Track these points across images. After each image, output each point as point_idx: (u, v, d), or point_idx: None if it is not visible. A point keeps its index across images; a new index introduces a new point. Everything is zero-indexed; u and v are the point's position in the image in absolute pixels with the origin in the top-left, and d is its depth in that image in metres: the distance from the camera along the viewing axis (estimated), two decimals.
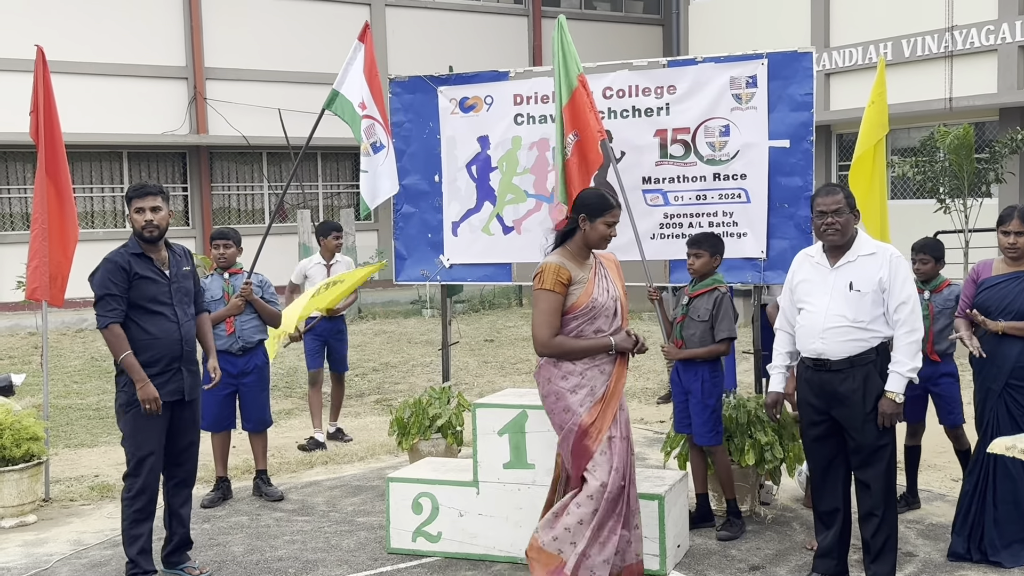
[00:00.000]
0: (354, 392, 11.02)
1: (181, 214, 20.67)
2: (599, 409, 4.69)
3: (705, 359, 5.90)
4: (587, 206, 4.79)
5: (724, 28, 20.66)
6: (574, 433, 4.68)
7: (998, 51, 16.29)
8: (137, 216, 5.22)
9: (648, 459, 7.60)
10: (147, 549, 5.24)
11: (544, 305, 4.70)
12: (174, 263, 5.37)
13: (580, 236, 4.81)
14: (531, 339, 4.82)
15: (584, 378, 4.71)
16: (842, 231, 4.86)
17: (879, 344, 4.82)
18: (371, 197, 6.79)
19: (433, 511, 5.68)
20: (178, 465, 5.42)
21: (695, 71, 6.52)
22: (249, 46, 20.47)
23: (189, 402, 5.35)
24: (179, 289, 5.34)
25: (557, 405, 4.75)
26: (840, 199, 4.85)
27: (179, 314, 5.30)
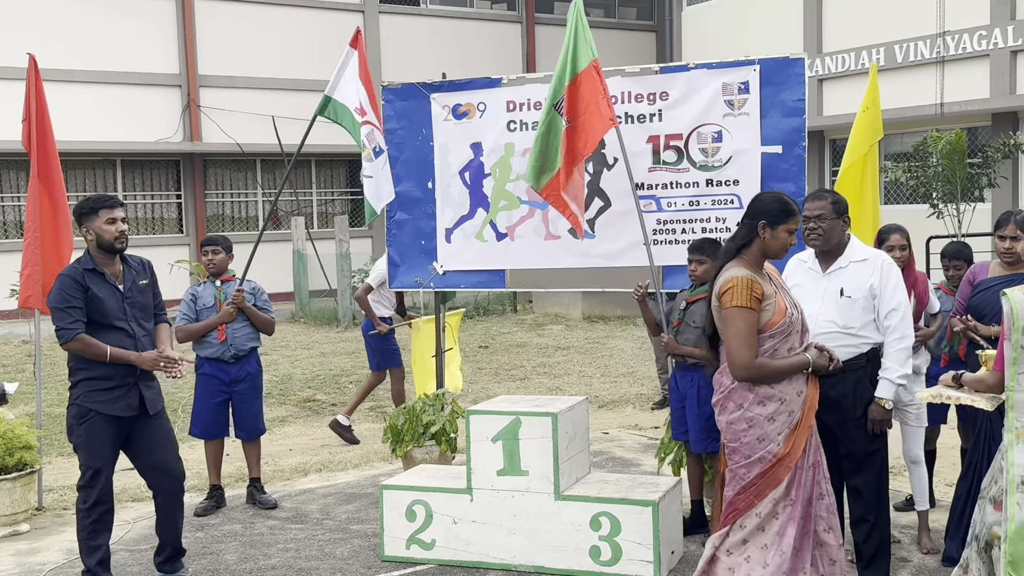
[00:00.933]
0: (348, 399, 11.00)
1: (175, 221, 20.66)
2: (794, 436, 4.23)
3: (703, 365, 5.88)
4: (767, 212, 4.31)
5: (717, 34, 20.71)
6: (766, 463, 4.21)
7: (990, 56, 16.35)
8: (110, 227, 5.13)
9: (642, 465, 7.60)
10: (106, 559, 5.22)
11: (741, 324, 4.17)
12: (129, 276, 5.27)
13: (758, 245, 4.32)
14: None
15: (783, 403, 4.22)
16: (825, 237, 4.86)
17: (869, 350, 4.82)
18: (376, 201, 6.80)
19: (427, 518, 5.67)
20: (161, 478, 5.34)
21: (687, 77, 6.53)
22: (243, 53, 20.48)
23: (153, 416, 5.28)
24: (134, 304, 5.25)
25: (749, 433, 4.23)
26: (824, 205, 4.85)
27: (135, 330, 5.21)
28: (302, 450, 8.59)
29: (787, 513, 4.24)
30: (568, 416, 5.56)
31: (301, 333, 16.52)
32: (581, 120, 5.95)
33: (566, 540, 5.41)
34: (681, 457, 6.22)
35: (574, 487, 5.55)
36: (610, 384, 11.31)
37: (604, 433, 8.75)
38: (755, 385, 4.22)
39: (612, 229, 6.73)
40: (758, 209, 4.35)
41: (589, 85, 5.96)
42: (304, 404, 10.76)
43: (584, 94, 5.95)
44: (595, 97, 5.94)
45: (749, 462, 4.24)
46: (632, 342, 14.20)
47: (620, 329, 15.65)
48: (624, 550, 5.30)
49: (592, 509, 5.37)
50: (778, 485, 4.21)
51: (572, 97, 5.97)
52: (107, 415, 5.13)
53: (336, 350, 14.54)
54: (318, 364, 13.26)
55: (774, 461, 4.20)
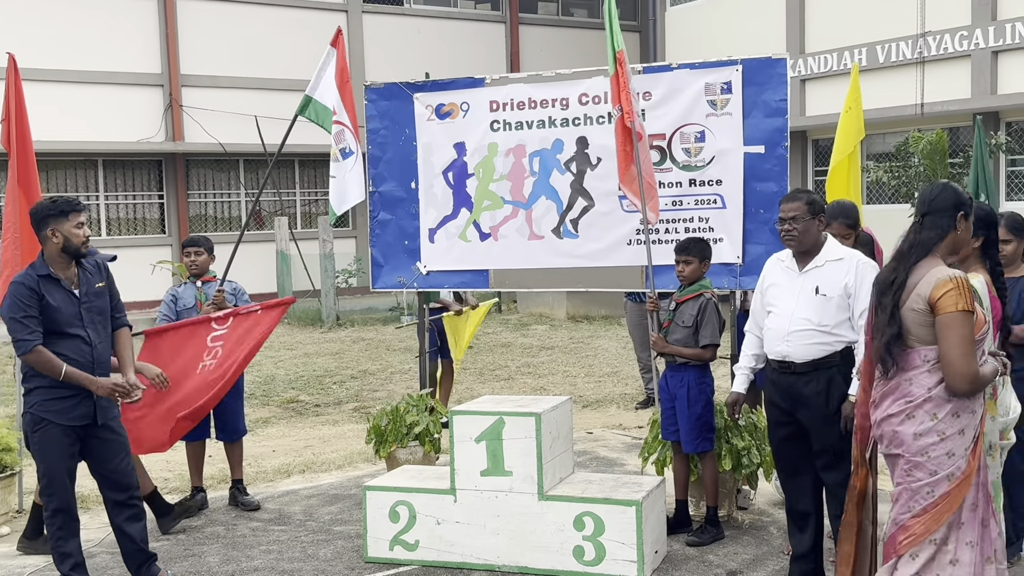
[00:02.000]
0: (332, 400, 10.98)
1: (157, 222, 20.56)
2: (977, 451, 3.84)
3: (692, 365, 5.89)
4: (965, 203, 3.92)
5: (700, 34, 20.75)
6: (954, 480, 3.77)
7: (971, 56, 16.45)
8: (78, 231, 5.02)
9: (626, 465, 7.61)
10: (80, 563, 5.15)
11: (966, 330, 3.70)
12: (84, 281, 5.11)
13: (952, 240, 3.91)
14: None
15: (973, 416, 3.82)
16: (799, 237, 4.89)
17: (843, 348, 4.85)
18: (339, 203, 6.79)
19: (410, 519, 5.65)
20: (115, 487, 5.23)
21: (670, 77, 6.54)
22: (225, 53, 20.39)
23: (103, 425, 5.13)
24: (91, 308, 5.10)
25: (939, 447, 3.77)
26: (799, 206, 4.88)
27: (92, 336, 5.07)
28: (285, 451, 8.56)
29: (958, 537, 3.80)
30: (552, 416, 5.56)
31: (284, 334, 16.46)
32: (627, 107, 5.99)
33: (550, 540, 5.40)
34: (665, 457, 6.23)
35: (558, 487, 5.55)
36: (594, 384, 11.32)
37: (588, 433, 8.75)
38: (954, 396, 3.77)
39: (596, 229, 6.73)
40: (953, 201, 3.90)
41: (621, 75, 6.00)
42: (287, 405, 10.72)
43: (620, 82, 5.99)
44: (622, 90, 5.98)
45: (935, 480, 3.76)
46: (616, 342, 14.22)
47: (604, 329, 15.66)
48: (608, 550, 5.30)
49: (576, 509, 5.36)
50: (958, 506, 3.78)
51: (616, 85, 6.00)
52: (61, 424, 5.03)
53: (320, 351, 14.50)
54: (301, 365, 13.22)
55: (961, 479, 3.77)
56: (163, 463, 8.15)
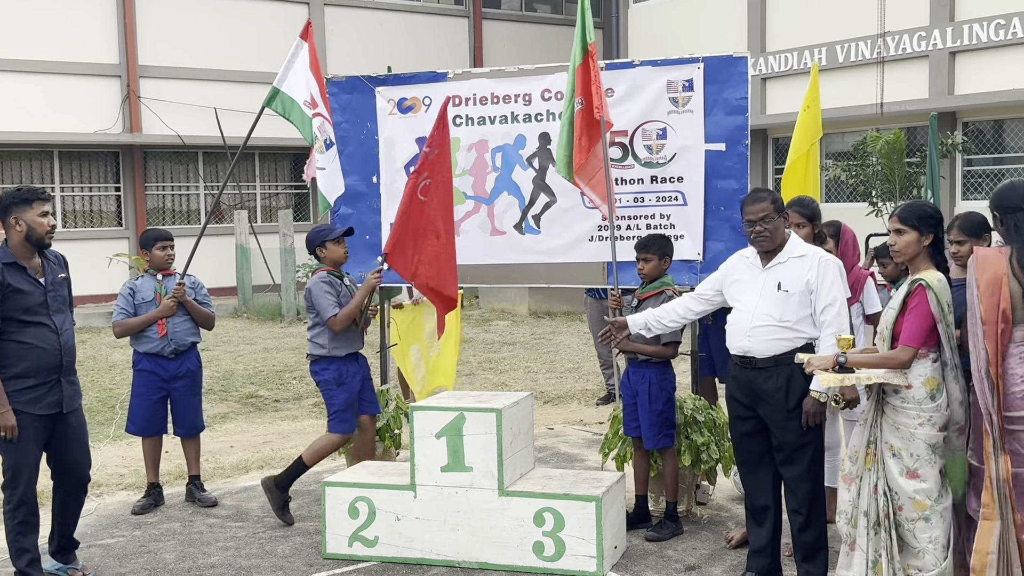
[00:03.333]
0: (291, 395, 10.90)
1: (114, 214, 20.28)
2: None
3: (654, 362, 5.90)
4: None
5: (663, 32, 20.84)
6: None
7: (929, 57, 16.65)
8: (42, 220, 5.03)
9: (586, 461, 7.62)
10: (36, 559, 5.14)
11: None
12: (49, 270, 5.14)
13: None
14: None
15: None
16: (771, 237, 4.95)
17: (804, 344, 4.89)
18: (330, 192, 6.72)
19: (370, 515, 5.62)
20: (69, 476, 5.30)
21: (633, 74, 6.55)
22: (184, 44, 20.15)
23: (69, 413, 5.18)
24: (56, 297, 5.13)
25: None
26: (766, 206, 4.92)
27: (57, 323, 5.09)
28: (243, 447, 8.49)
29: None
30: (512, 412, 5.55)
31: (244, 328, 16.33)
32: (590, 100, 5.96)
33: (510, 536, 5.40)
34: (625, 452, 6.25)
35: (518, 483, 5.55)
36: (555, 380, 11.33)
37: (549, 429, 8.76)
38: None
39: (558, 225, 6.73)
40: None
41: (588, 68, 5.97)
42: (246, 400, 10.63)
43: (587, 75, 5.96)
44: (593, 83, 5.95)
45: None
46: (578, 338, 14.25)
47: (566, 325, 15.69)
48: (567, 545, 5.31)
49: (536, 505, 5.37)
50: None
51: (584, 77, 5.96)
52: (31, 414, 5.01)
53: (280, 345, 14.39)
54: (261, 360, 13.11)
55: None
56: (119, 459, 8.06)
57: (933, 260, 4.48)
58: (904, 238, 4.48)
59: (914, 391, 4.37)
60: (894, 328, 4.47)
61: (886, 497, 4.45)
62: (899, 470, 4.41)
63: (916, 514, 4.39)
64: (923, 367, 4.37)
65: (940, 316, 4.33)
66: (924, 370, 4.37)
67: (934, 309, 4.32)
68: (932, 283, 4.36)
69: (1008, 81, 15.59)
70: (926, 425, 4.35)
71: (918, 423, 4.36)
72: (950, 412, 4.41)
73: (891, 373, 4.40)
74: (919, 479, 4.37)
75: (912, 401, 4.37)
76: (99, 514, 6.59)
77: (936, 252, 4.49)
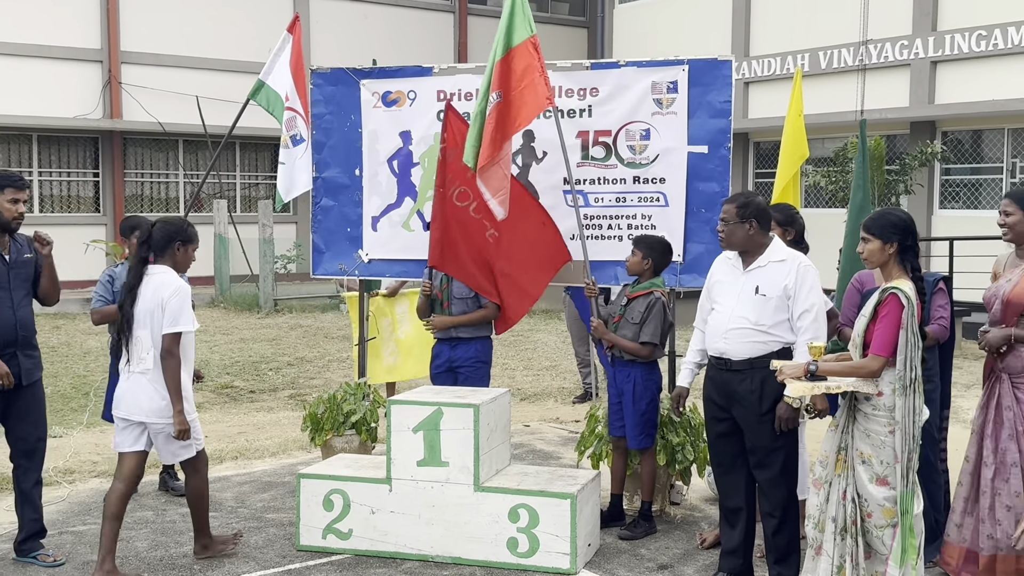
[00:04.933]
0: (267, 386, 10.87)
1: (92, 200, 20.15)
2: None
3: (640, 362, 5.91)
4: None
5: (647, 33, 20.89)
6: None
7: (911, 66, 16.78)
8: (11, 206, 5.24)
9: (562, 458, 7.65)
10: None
11: None
12: (15, 250, 5.36)
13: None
14: None
15: None
16: (726, 238, 5.01)
17: (780, 349, 4.92)
18: (287, 190, 6.70)
19: (344, 508, 5.62)
20: (25, 452, 5.42)
21: (618, 74, 6.57)
22: (167, 31, 20.03)
23: (28, 386, 5.36)
24: (18, 275, 5.34)
25: None
26: (729, 208, 4.99)
27: (15, 299, 5.30)
28: (218, 437, 8.45)
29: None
30: (490, 408, 5.56)
31: (220, 318, 16.26)
32: (514, 95, 5.94)
33: (484, 531, 5.41)
34: (601, 451, 6.27)
35: (494, 479, 5.56)
36: (532, 377, 11.35)
37: (525, 426, 8.78)
38: None
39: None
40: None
41: (524, 60, 5.95)
42: (221, 391, 10.59)
43: (517, 68, 5.95)
44: (531, 73, 5.93)
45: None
46: (555, 336, 14.28)
47: (544, 323, 15.72)
48: (541, 542, 5.33)
49: (511, 501, 5.38)
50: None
51: (504, 71, 5.95)
52: None
53: (256, 336, 14.34)
54: (237, 350, 13.06)
55: None
56: (92, 446, 8.01)
57: (906, 268, 4.53)
58: (869, 246, 4.57)
59: (884, 399, 4.41)
60: (865, 336, 4.50)
61: (854, 503, 4.49)
62: (869, 477, 4.45)
63: (885, 521, 4.43)
64: (893, 375, 4.40)
65: (907, 324, 4.35)
66: (895, 378, 4.40)
67: (904, 317, 4.35)
68: (904, 291, 4.40)
69: (988, 92, 15.73)
70: (896, 432, 4.39)
71: (888, 430, 4.39)
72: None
73: (861, 381, 4.43)
74: (888, 486, 4.41)
75: (883, 408, 4.41)
76: (71, 501, 6.56)
77: (909, 260, 4.54)
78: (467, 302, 6.51)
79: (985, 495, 4.83)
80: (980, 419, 4.96)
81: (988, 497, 4.81)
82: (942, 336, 5.19)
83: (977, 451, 4.93)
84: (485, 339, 6.60)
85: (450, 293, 6.49)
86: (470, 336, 6.53)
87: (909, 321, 4.35)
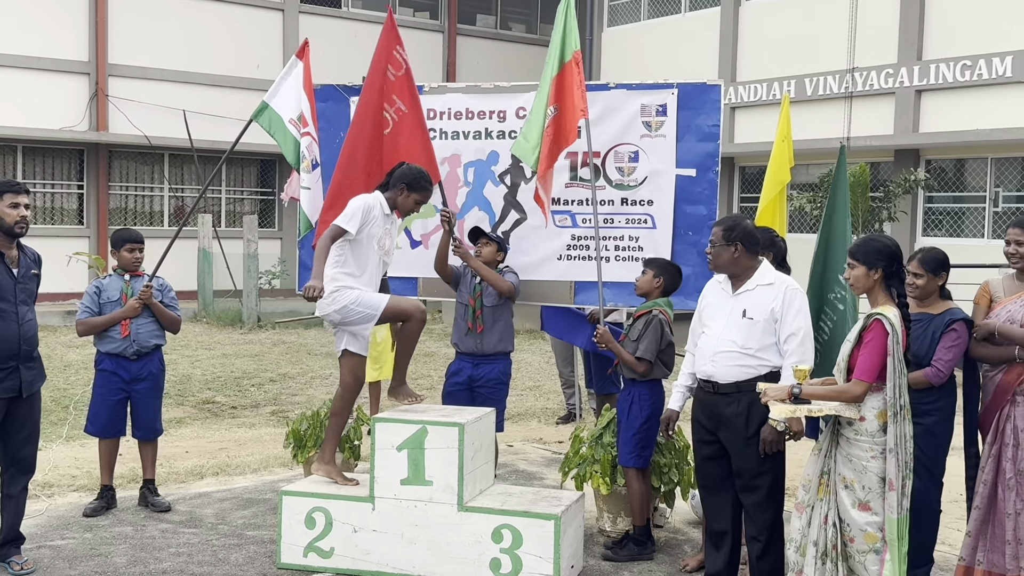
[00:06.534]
0: (249, 402, 10.81)
1: (75, 212, 20.04)
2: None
3: (643, 381, 5.86)
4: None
5: (636, 55, 21.00)
6: None
7: (895, 94, 16.92)
8: (12, 211, 5.26)
9: (545, 479, 7.62)
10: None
11: None
12: (24, 263, 5.42)
13: None
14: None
15: None
16: (713, 260, 5.04)
17: (767, 372, 4.92)
18: (312, 213, 6.66)
19: (327, 526, 5.58)
20: (15, 460, 5.46)
21: (607, 97, 6.60)
22: (156, 44, 19.99)
23: (27, 398, 5.40)
24: (24, 289, 5.39)
25: None
26: (717, 231, 5.02)
27: (20, 312, 5.33)
28: (199, 453, 8.39)
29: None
30: (475, 427, 5.54)
31: (203, 333, 16.17)
32: (567, 108, 6.01)
33: (467, 551, 5.38)
34: (585, 472, 6.23)
35: (477, 499, 5.53)
36: (516, 397, 11.32)
37: (509, 446, 8.75)
38: None
39: (527, 242, 6.75)
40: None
41: (572, 75, 6.03)
42: (203, 406, 10.52)
43: (568, 83, 6.02)
44: (576, 88, 6.00)
45: None
46: (539, 356, 14.26)
47: (528, 343, 15.69)
48: (524, 563, 5.30)
49: (495, 521, 5.35)
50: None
51: (559, 86, 6.03)
52: None
53: (239, 351, 14.26)
54: (219, 365, 12.99)
55: None
56: (71, 459, 7.94)
57: (891, 294, 4.54)
58: (854, 272, 4.60)
59: (867, 423, 4.42)
60: (849, 361, 4.52)
61: (835, 528, 4.49)
62: (851, 502, 4.45)
63: (867, 546, 4.43)
64: (877, 400, 4.41)
65: (892, 351, 4.37)
66: (878, 403, 4.41)
67: (889, 344, 4.37)
68: (889, 318, 4.41)
69: (971, 121, 15.87)
70: (879, 458, 4.40)
71: (871, 456, 4.40)
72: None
73: (844, 406, 4.44)
74: (871, 511, 4.42)
75: (865, 434, 4.42)
76: (50, 515, 6.49)
77: (894, 285, 4.55)
78: (497, 310, 6.44)
79: (1009, 518, 4.85)
80: (996, 444, 4.96)
81: (1012, 520, 4.83)
82: (935, 379, 4.99)
83: (993, 476, 4.94)
84: (507, 356, 6.56)
85: (482, 302, 6.43)
86: (494, 352, 6.47)
87: (894, 348, 4.37)
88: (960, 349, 5.03)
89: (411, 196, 5.77)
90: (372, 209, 5.66)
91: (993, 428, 5.00)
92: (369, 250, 5.66)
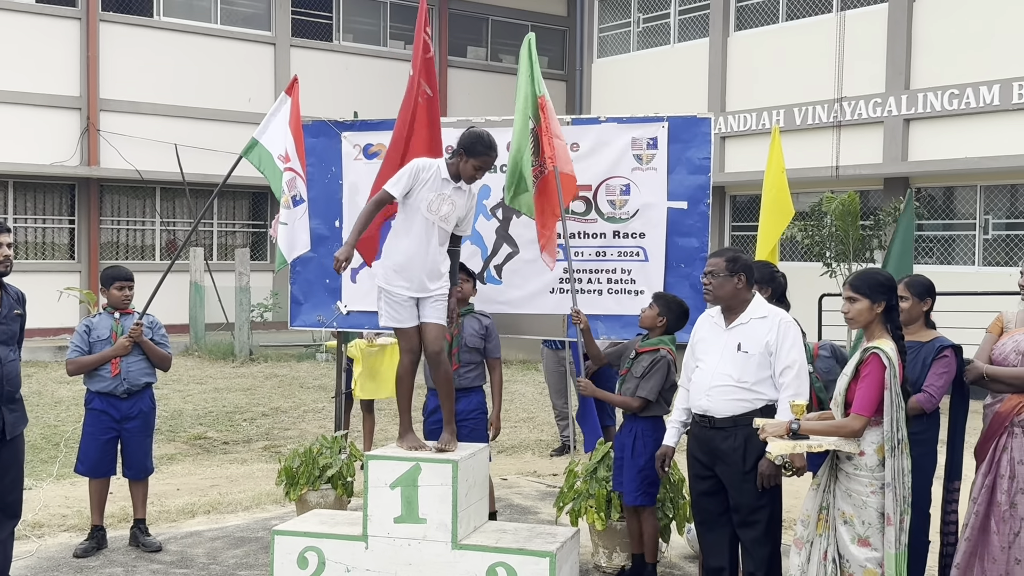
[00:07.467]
0: (241, 437, 10.73)
1: (67, 247, 20.00)
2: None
3: (645, 416, 5.82)
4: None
5: (626, 87, 21.12)
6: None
7: (884, 123, 17.02)
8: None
9: (540, 513, 7.57)
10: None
11: None
12: (7, 304, 5.26)
13: None
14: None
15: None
16: (714, 291, 5.01)
17: (764, 406, 4.90)
18: (289, 251, 6.63)
19: (319, 566, 5.52)
20: (1, 506, 5.30)
21: (598, 130, 6.62)
22: (147, 79, 20.05)
23: (10, 441, 5.27)
24: (5, 331, 5.25)
25: None
26: (718, 261, 5.00)
27: (2, 354, 5.19)
28: (190, 490, 8.32)
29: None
30: (469, 464, 5.50)
31: (195, 367, 16.09)
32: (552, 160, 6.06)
33: None
34: (580, 507, 6.18)
35: (472, 536, 5.48)
36: (510, 429, 11.27)
37: (503, 479, 8.70)
38: None
39: (519, 276, 6.74)
40: None
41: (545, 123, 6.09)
42: (194, 442, 10.45)
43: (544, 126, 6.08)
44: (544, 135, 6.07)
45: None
46: (533, 387, 14.22)
47: (521, 374, 15.66)
48: None
49: (489, 559, 5.30)
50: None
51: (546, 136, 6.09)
52: None
53: (231, 385, 14.19)
54: (211, 400, 12.92)
55: None
56: (61, 499, 7.86)
57: (888, 328, 4.53)
58: (856, 306, 4.55)
59: (866, 458, 4.40)
60: (847, 395, 4.50)
61: (835, 564, 4.46)
62: (851, 537, 4.42)
63: None
64: (875, 435, 4.39)
65: (889, 385, 4.36)
66: (876, 437, 4.39)
67: (886, 378, 4.36)
68: (886, 352, 4.40)
69: (959, 149, 15.97)
70: (878, 493, 4.37)
71: (870, 491, 4.38)
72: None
73: (843, 440, 4.42)
74: (870, 547, 4.38)
75: (864, 468, 4.40)
76: (40, 556, 6.41)
77: (890, 319, 4.55)
78: (474, 353, 6.35)
79: (1003, 551, 4.82)
80: (992, 475, 4.94)
81: (1006, 552, 4.81)
82: (927, 406, 4.99)
83: (986, 507, 4.92)
84: (481, 389, 6.49)
85: (460, 340, 6.38)
86: (470, 386, 6.39)
87: (892, 382, 4.35)
88: (950, 376, 5.05)
89: (470, 161, 5.52)
90: (423, 171, 5.52)
91: (988, 458, 4.99)
92: (416, 213, 5.51)
